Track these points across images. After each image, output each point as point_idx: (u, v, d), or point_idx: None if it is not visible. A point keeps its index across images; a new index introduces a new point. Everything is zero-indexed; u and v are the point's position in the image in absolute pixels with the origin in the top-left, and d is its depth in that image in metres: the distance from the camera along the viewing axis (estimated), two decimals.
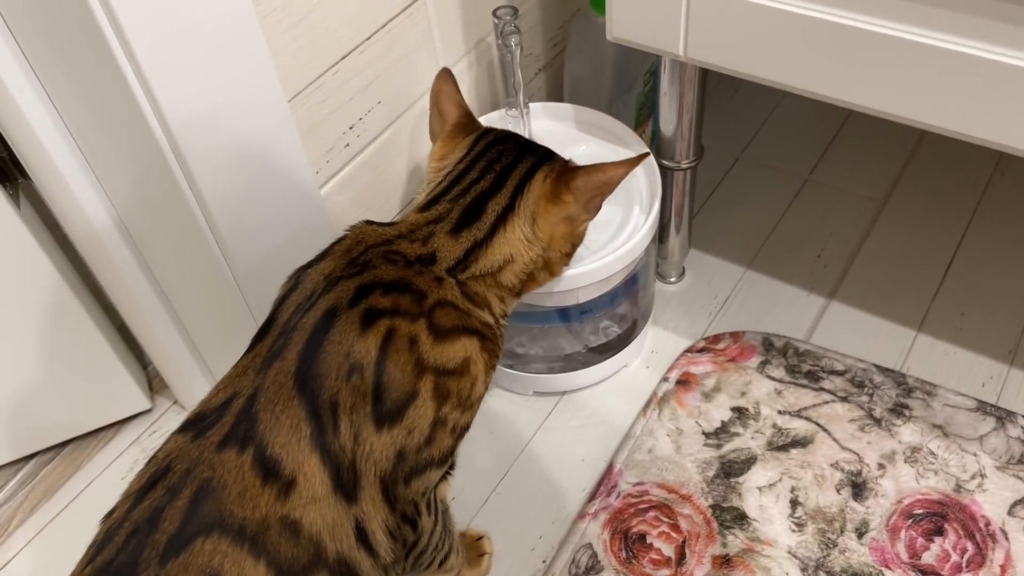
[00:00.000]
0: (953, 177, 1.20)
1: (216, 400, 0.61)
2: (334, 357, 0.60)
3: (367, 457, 0.61)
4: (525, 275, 0.71)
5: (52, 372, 0.93)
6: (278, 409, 0.59)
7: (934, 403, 0.95)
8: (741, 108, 1.33)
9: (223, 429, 0.59)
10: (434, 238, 0.67)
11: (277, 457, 0.58)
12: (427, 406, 0.62)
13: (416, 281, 0.64)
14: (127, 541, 0.56)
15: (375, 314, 0.61)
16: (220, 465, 0.57)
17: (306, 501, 0.58)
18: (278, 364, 0.60)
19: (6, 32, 0.68)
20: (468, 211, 0.69)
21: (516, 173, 0.71)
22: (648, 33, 0.77)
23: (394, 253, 0.65)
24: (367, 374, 0.60)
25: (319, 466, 0.59)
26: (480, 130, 0.75)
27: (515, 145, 0.73)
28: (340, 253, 0.65)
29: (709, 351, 1.03)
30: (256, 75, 0.71)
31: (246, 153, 0.74)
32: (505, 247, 0.69)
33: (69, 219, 0.81)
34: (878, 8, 0.66)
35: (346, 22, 0.79)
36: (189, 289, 0.88)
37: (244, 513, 0.57)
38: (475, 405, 0.68)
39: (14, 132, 0.73)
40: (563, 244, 0.72)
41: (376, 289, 0.62)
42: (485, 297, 0.69)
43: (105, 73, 0.64)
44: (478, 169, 0.71)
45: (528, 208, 0.70)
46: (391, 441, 0.62)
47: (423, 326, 0.62)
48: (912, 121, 0.71)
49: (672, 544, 0.87)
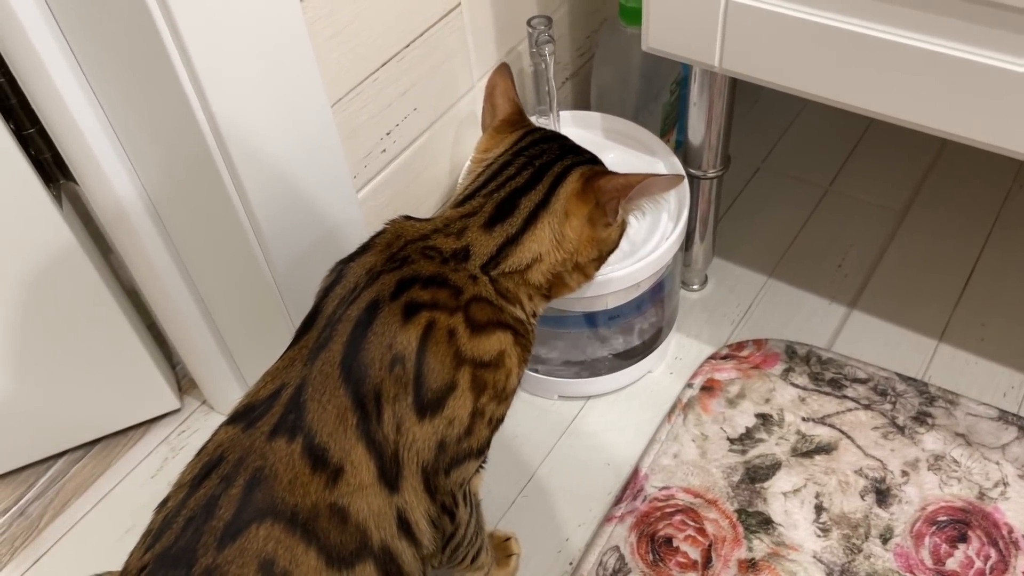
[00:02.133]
0: (972, 189, 1.21)
1: (264, 391, 0.62)
2: (377, 348, 0.61)
3: (409, 447, 0.62)
4: (552, 275, 0.71)
5: (85, 370, 0.95)
6: (325, 399, 0.60)
7: (956, 412, 0.96)
8: (762, 118, 1.35)
9: (272, 419, 0.60)
10: (468, 232, 0.68)
11: (325, 446, 0.59)
12: (466, 397, 0.64)
13: (452, 277, 0.65)
14: (185, 528, 0.57)
15: (416, 307, 0.62)
16: (271, 454, 0.59)
17: (353, 489, 0.60)
18: (324, 355, 0.62)
19: (60, 36, 0.69)
20: (501, 206, 0.69)
21: (553, 171, 0.71)
22: (684, 44, 0.79)
23: (431, 249, 0.67)
24: (408, 365, 0.61)
25: (365, 455, 0.60)
26: (528, 128, 0.76)
27: (560, 146, 0.73)
28: (381, 248, 0.66)
29: (733, 358, 1.04)
30: (302, 80, 0.73)
31: (290, 156, 0.75)
32: (534, 245, 0.69)
33: (109, 218, 0.82)
34: (914, 23, 0.68)
35: (387, 30, 0.81)
36: (226, 290, 0.89)
37: (295, 500, 0.58)
38: (510, 397, 0.69)
39: (62, 134, 0.75)
40: (589, 249, 0.72)
41: (416, 283, 0.64)
42: (516, 294, 0.70)
43: (159, 75, 0.66)
44: (517, 165, 0.71)
45: (560, 205, 0.70)
46: (432, 431, 0.63)
47: (460, 319, 0.64)
48: (942, 132, 0.72)
49: (698, 548, 0.88)
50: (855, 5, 0.70)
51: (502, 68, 0.78)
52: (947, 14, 0.66)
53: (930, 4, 0.66)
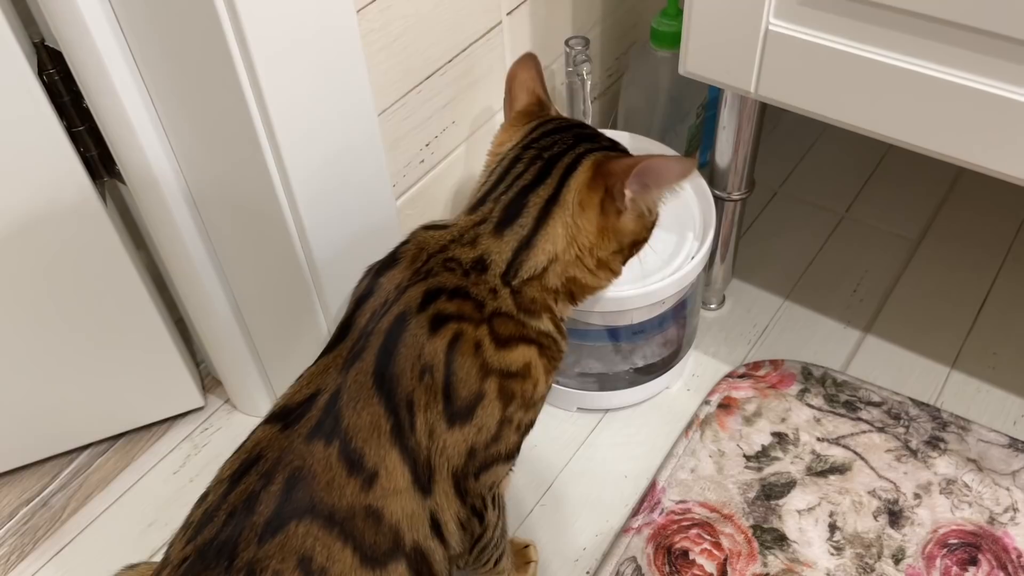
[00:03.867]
0: (986, 221, 1.24)
1: (300, 395, 0.64)
2: (407, 359, 0.63)
3: (441, 452, 0.64)
4: (568, 277, 0.69)
5: (114, 364, 0.96)
6: (359, 406, 0.62)
7: (968, 438, 0.98)
8: (780, 143, 1.38)
9: (310, 422, 0.62)
10: (480, 241, 0.67)
11: (360, 451, 0.61)
12: (494, 406, 0.65)
13: (473, 291, 0.66)
14: (226, 522, 0.59)
15: (443, 318, 0.64)
16: (309, 455, 0.60)
17: (388, 492, 0.61)
18: (358, 365, 0.63)
19: (120, 36, 0.71)
20: (509, 207, 0.68)
21: (563, 162, 0.68)
22: (722, 70, 0.81)
23: (451, 260, 0.67)
24: (437, 375, 0.63)
25: (399, 460, 0.62)
26: (543, 118, 0.73)
27: (574, 135, 0.70)
28: (407, 263, 0.67)
29: (750, 377, 1.06)
30: (354, 89, 0.75)
31: (337, 161, 0.77)
32: (548, 245, 0.67)
33: (152, 216, 0.84)
34: (943, 57, 0.70)
35: (433, 44, 0.83)
36: (260, 291, 0.91)
37: (332, 500, 0.60)
38: (539, 403, 0.70)
39: (114, 131, 0.77)
40: (607, 241, 0.69)
41: (441, 295, 0.65)
42: (541, 303, 0.68)
43: (221, 78, 0.67)
44: (526, 159, 0.69)
45: (572, 197, 0.67)
46: (463, 438, 0.65)
47: (485, 332, 0.65)
48: (971, 164, 0.75)
49: (714, 561, 0.90)
50: (889, 38, 0.72)
51: (524, 58, 0.74)
52: (975, 50, 0.69)
53: (960, 40, 0.69)
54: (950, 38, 0.70)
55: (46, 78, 0.77)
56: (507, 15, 0.91)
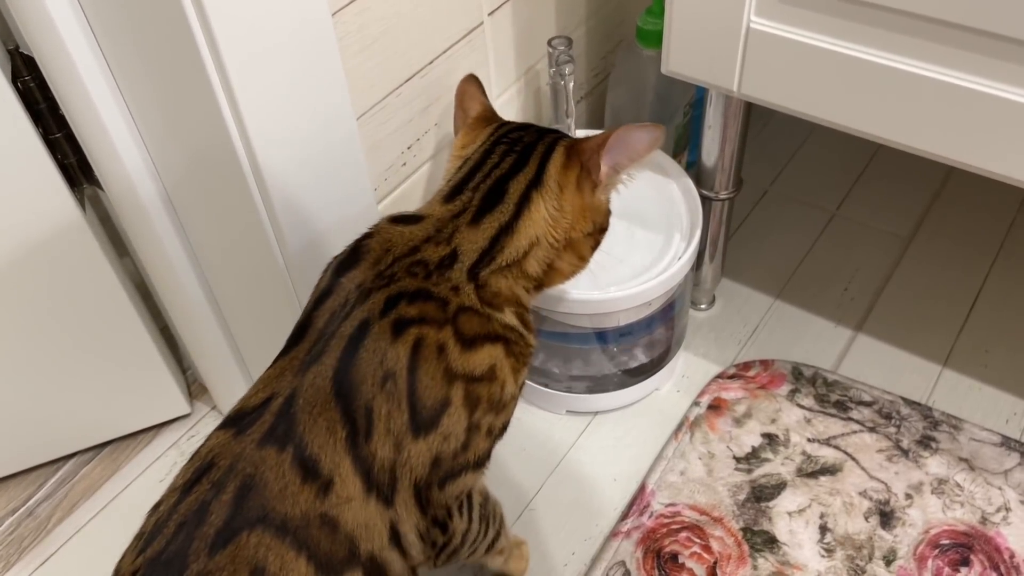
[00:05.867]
0: (977, 217, 1.23)
1: (255, 399, 0.62)
2: (369, 365, 0.62)
3: (404, 463, 0.63)
4: (548, 262, 0.71)
5: (98, 372, 0.96)
6: (316, 411, 0.61)
7: (960, 437, 0.97)
8: (769, 142, 1.37)
9: (263, 427, 0.60)
10: (456, 235, 0.68)
11: (315, 457, 0.60)
12: (460, 413, 0.64)
13: (435, 291, 0.65)
14: (176, 533, 0.57)
15: (404, 323, 0.63)
16: (261, 462, 0.59)
17: (343, 500, 0.60)
18: (316, 368, 0.62)
19: (93, 42, 0.70)
20: (489, 195, 0.69)
21: (538, 149, 0.72)
22: (704, 68, 0.80)
23: (417, 264, 0.66)
24: (400, 382, 0.62)
25: (351, 470, 0.61)
26: (500, 121, 0.77)
27: (536, 129, 0.75)
28: (370, 263, 0.66)
29: (740, 378, 1.05)
30: (331, 93, 0.74)
31: (315, 166, 0.77)
32: (531, 228, 0.69)
33: (131, 222, 0.83)
34: (930, 55, 0.70)
35: (412, 47, 0.82)
36: (242, 296, 0.90)
37: (285, 509, 0.58)
38: (508, 405, 0.69)
39: (90, 137, 0.76)
40: (583, 221, 0.72)
41: (403, 299, 0.64)
42: (510, 293, 0.69)
43: (193, 82, 0.67)
44: (499, 152, 0.72)
45: (553, 180, 0.71)
46: (427, 447, 0.63)
47: (449, 333, 0.64)
48: (956, 161, 0.74)
49: (704, 565, 0.89)
50: (872, 36, 0.71)
51: (468, 77, 0.80)
52: (962, 47, 0.68)
53: (946, 37, 0.68)
54: (934, 35, 0.69)
55: (21, 85, 0.77)
56: (488, 15, 0.90)
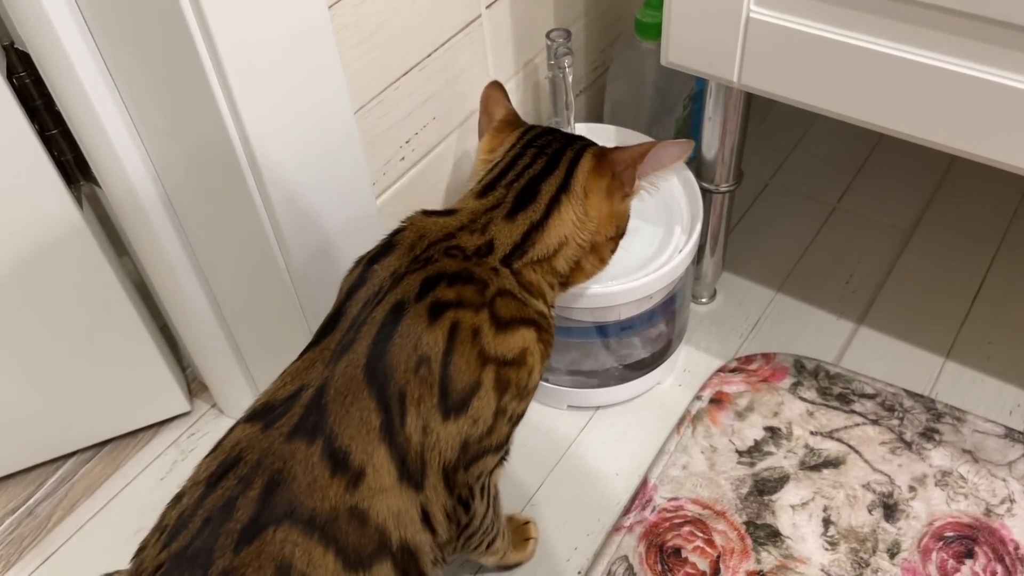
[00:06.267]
0: (979, 208, 1.22)
1: (284, 392, 0.62)
2: (403, 350, 0.62)
3: (433, 447, 0.63)
4: (575, 261, 0.73)
5: (98, 371, 0.95)
6: (347, 401, 0.61)
7: (963, 429, 0.97)
8: (770, 135, 1.36)
9: (292, 420, 0.60)
10: (492, 226, 0.70)
11: (346, 449, 0.60)
12: (490, 396, 0.65)
13: (476, 272, 0.66)
14: (202, 528, 0.57)
15: (442, 307, 0.63)
16: (290, 456, 0.59)
17: (374, 492, 0.60)
18: (348, 357, 0.62)
19: (89, 38, 0.70)
20: (523, 194, 0.71)
21: (567, 155, 0.74)
22: (703, 59, 0.80)
23: (454, 248, 0.67)
24: (434, 366, 0.62)
25: (387, 457, 0.61)
26: (528, 125, 0.79)
27: (562, 135, 0.78)
28: (404, 250, 0.67)
29: (742, 371, 1.05)
30: (328, 87, 0.73)
31: (314, 161, 0.76)
32: (560, 228, 0.71)
33: (129, 220, 0.83)
34: (931, 42, 0.69)
35: (410, 40, 0.82)
36: (241, 293, 0.89)
37: (314, 504, 0.58)
38: (531, 394, 0.70)
39: (87, 135, 0.75)
40: (608, 226, 0.74)
41: (441, 281, 0.64)
42: (539, 286, 0.71)
43: (190, 78, 0.66)
44: (529, 155, 0.74)
45: (580, 186, 0.73)
46: (456, 431, 0.64)
47: (485, 317, 0.65)
48: (956, 150, 0.73)
49: (707, 559, 0.88)
50: (872, 24, 0.71)
51: (493, 83, 0.83)
52: (962, 34, 0.68)
53: (946, 24, 0.68)
54: (934, 22, 0.68)
55: (16, 81, 0.76)
56: (487, 8, 0.89)
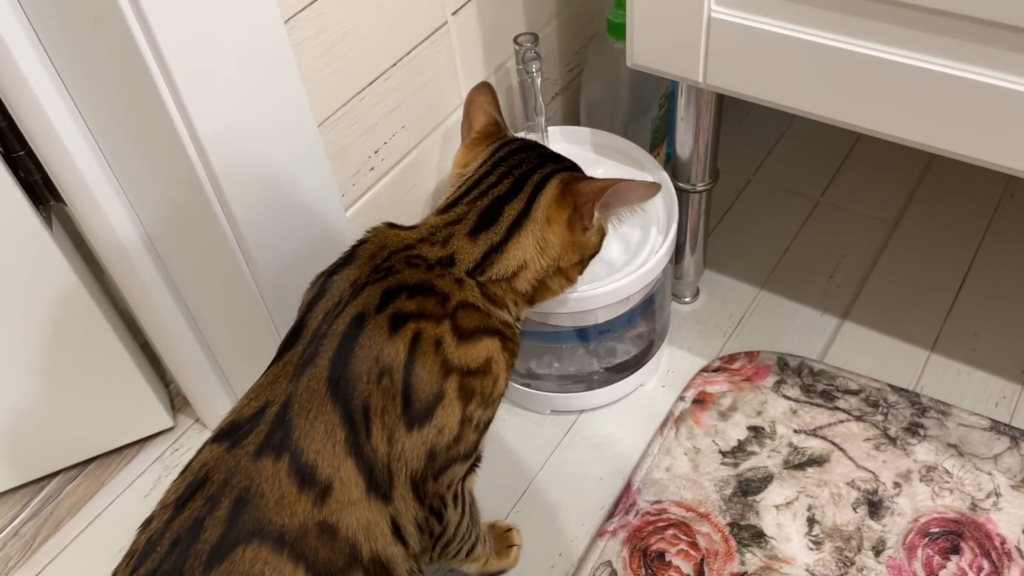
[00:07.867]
0: (963, 200, 1.21)
1: (249, 409, 0.62)
2: (365, 362, 0.61)
3: (399, 457, 0.63)
4: (537, 282, 0.72)
5: (78, 390, 0.95)
6: (312, 415, 0.60)
7: (948, 422, 0.96)
8: (752, 131, 1.35)
9: (258, 438, 0.60)
10: (453, 240, 0.69)
11: (312, 463, 0.59)
12: (454, 405, 0.64)
13: (438, 283, 0.66)
14: (170, 551, 0.57)
15: (402, 318, 0.63)
16: (257, 474, 0.59)
17: (343, 505, 0.60)
18: (310, 371, 0.62)
19: (45, 58, 0.70)
20: (485, 214, 0.70)
21: (533, 179, 0.72)
22: (668, 60, 0.79)
23: (416, 258, 0.67)
24: (396, 377, 0.62)
25: (354, 470, 0.60)
26: (505, 138, 0.77)
27: (538, 154, 0.75)
28: (364, 259, 0.66)
29: (725, 370, 1.04)
30: (288, 100, 0.73)
31: (277, 176, 0.76)
32: (519, 253, 0.70)
33: (100, 239, 0.83)
34: (899, 40, 0.68)
35: (373, 49, 0.81)
36: (215, 308, 0.89)
37: (282, 520, 0.58)
38: (497, 401, 0.70)
39: (50, 155, 0.75)
40: (571, 253, 0.73)
41: (402, 292, 0.64)
42: (503, 299, 0.71)
43: (143, 97, 0.66)
44: (497, 174, 0.72)
45: (542, 213, 0.71)
46: (422, 441, 0.63)
47: (447, 328, 0.64)
48: (927, 146, 0.72)
49: (691, 562, 0.88)
50: (837, 22, 0.70)
51: (480, 85, 0.80)
52: (933, 31, 0.67)
53: (915, 21, 0.67)
54: (898, 18, 0.67)
55: None
56: (452, 15, 0.89)
